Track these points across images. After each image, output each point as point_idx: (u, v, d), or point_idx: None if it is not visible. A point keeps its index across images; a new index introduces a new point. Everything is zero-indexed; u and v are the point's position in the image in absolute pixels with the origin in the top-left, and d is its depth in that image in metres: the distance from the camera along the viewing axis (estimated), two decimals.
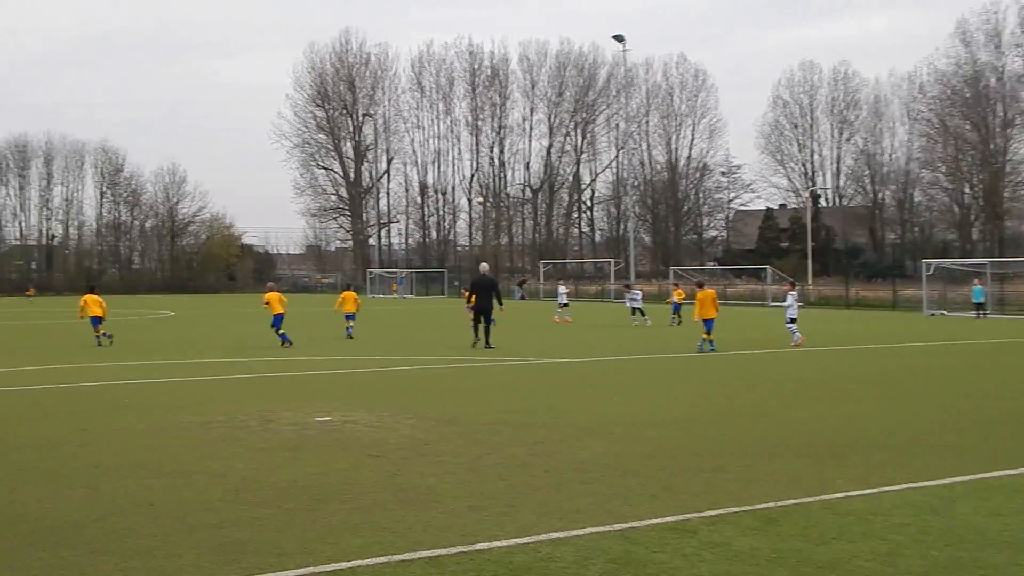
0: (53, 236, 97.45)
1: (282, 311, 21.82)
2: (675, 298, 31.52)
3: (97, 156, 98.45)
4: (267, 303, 22.09)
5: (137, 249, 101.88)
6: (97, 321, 22.49)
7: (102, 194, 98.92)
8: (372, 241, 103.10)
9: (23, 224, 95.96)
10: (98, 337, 22.18)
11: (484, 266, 22.80)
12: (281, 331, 21.63)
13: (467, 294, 22.00)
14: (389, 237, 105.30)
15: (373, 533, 5.69)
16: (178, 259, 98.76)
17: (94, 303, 22.79)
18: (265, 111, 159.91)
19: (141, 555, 5.29)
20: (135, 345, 22.58)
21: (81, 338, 24.13)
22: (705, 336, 20.05)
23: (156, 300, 67.54)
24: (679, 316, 30.27)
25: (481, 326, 20.73)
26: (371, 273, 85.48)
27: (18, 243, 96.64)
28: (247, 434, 9.53)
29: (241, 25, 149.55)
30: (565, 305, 34.22)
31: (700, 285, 21.70)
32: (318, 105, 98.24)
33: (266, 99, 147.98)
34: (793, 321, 21.88)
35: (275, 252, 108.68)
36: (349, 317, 24.55)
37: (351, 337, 23.99)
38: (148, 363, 17.41)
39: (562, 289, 35.34)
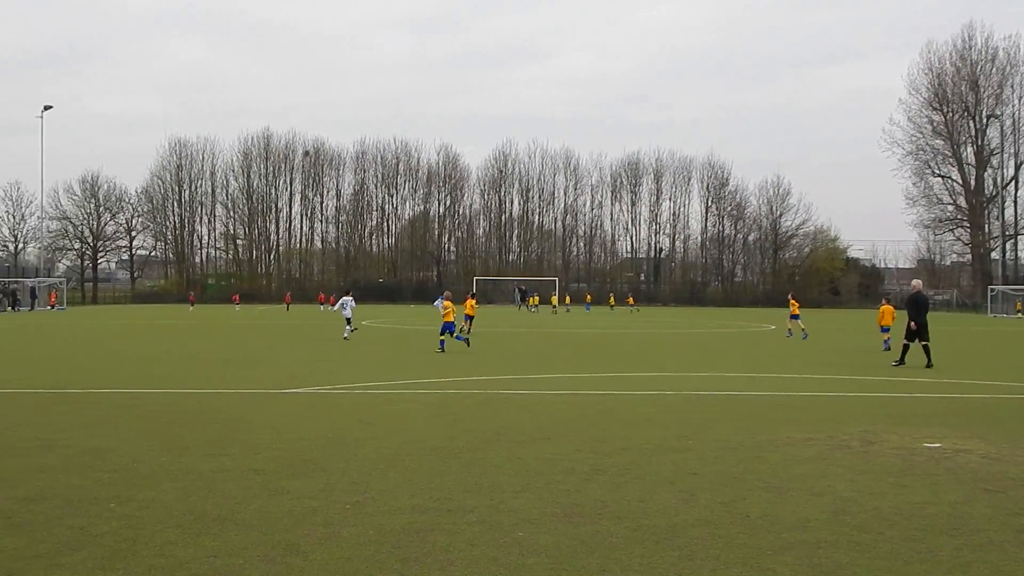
0: (660, 249, 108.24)
1: (451, 320, 24.90)
2: None
3: (703, 171, 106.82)
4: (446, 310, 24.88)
5: (739, 262, 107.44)
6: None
7: (707, 208, 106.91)
8: (995, 255, 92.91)
9: (633, 238, 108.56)
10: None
11: (917, 283, 22.06)
12: (443, 336, 24.55)
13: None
14: (1016, 251, 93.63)
15: (987, 572, 5.40)
16: (780, 272, 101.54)
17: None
18: (874, 119, 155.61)
19: (735, 565, 5.44)
20: (738, 356, 23.84)
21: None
22: None
23: (756, 312, 70.20)
24: None
25: (916, 344, 20.92)
26: (992, 290, 76.98)
27: (629, 256, 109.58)
28: (847, 455, 9.35)
29: (852, 29, 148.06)
30: None
31: None
32: (935, 108, 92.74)
33: (875, 106, 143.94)
34: None
35: (883, 266, 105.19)
36: (884, 330, 25.44)
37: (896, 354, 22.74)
38: (751, 375, 18.30)
39: None
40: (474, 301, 32.29)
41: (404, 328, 39.96)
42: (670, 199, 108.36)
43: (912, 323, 21.03)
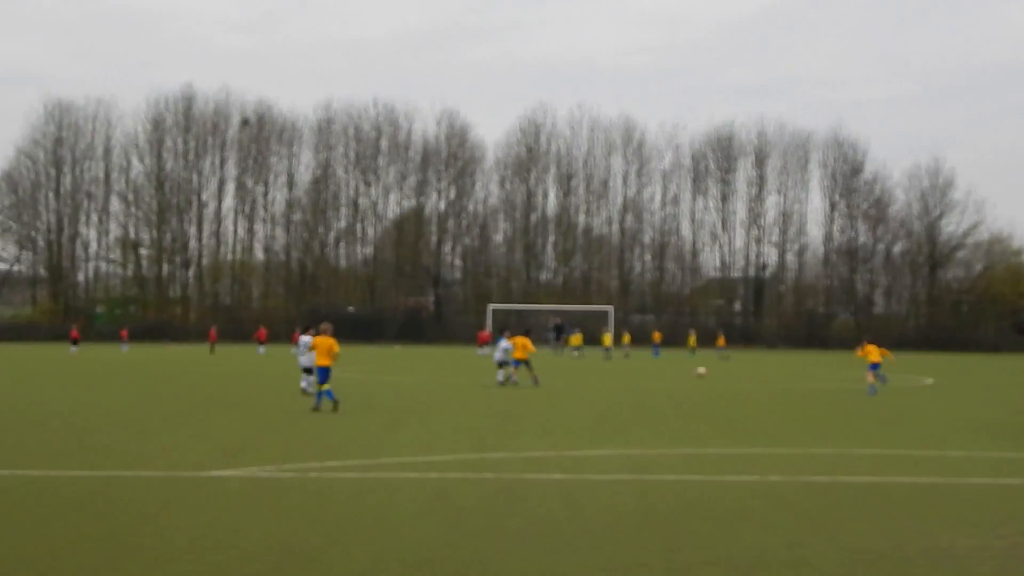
0: (764, 265, 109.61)
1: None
2: None
3: (827, 151, 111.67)
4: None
5: (880, 284, 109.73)
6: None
7: (832, 205, 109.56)
8: None
9: (725, 248, 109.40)
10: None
11: None
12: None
13: None
14: None
15: None
16: (939, 300, 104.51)
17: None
18: None
19: None
20: (874, 424, 23.86)
21: None
22: None
23: (904, 360, 70.11)
24: None
25: None
26: None
27: (717, 275, 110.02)
28: None
29: None
30: None
31: None
32: None
33: None
34: None
35: None
36: None
37: None
38: (891, 452, 18.38)
39: None
40: (526, 340, 36.72)
41: (386, 380, 40.27)
42: (778, 192, 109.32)
43: None
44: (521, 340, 36.52)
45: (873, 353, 35.61)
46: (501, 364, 37.00)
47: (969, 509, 12.70)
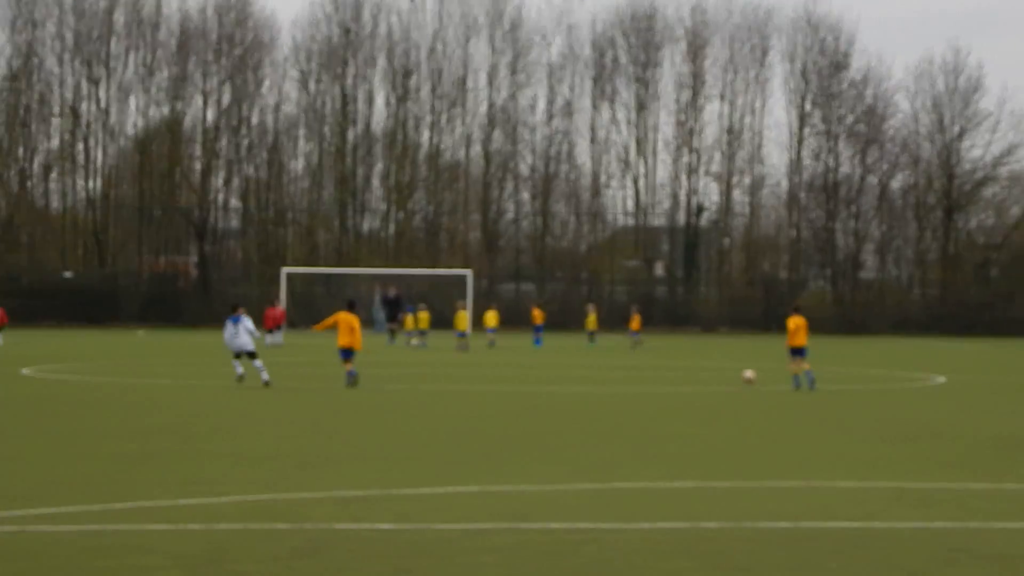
0: (700, 208, 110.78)
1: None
2: None
3: (794, 37, 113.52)
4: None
5: (871, 236, 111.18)
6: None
7: (801, 117, 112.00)
8: None
9: (642, 183, 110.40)
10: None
11: None
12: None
13: None
14: None
15: None
16: (958, 259, 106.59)
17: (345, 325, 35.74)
18: None
19: None
20: (854, 445, 24.25)
21: None
22: None
23: (908, 345, 71.41)
24: None
25: None
26: None
27: (630, 222, 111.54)
28: None
29: None
30: None
31: None
32: None
33: None
34: None
35: None
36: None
37: None
38: (872, 485, 18.83)
39: None
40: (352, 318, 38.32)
41: (125, 383, 40.07)
42: (722, 99, 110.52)
43: None
44: (346, 318, 37.43)
45: (799, 332, 38.08)
46: (240, 354, 38.36)
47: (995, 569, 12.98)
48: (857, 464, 21.24)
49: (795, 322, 38.30)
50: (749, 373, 39.84)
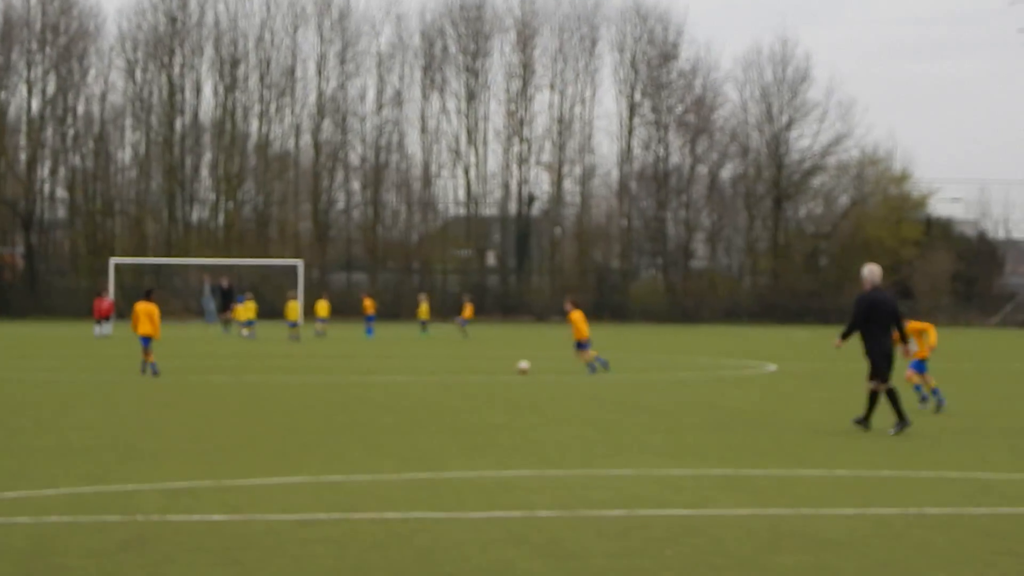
0: (531, 198, 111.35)
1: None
2: None
3: (625, 25, 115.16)
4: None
5: (702, 226, 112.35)
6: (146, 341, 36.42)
7: (631, 106, 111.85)
8: None
9: (473, 172, 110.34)
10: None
11: (871, 270, 25.72)
12: None
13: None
14: None
15: None
16: (788, 248, 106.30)
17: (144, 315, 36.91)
18: None
19: None
20: (688, 432, 24.57)
21: None
22: None
23: (734, 334, 72.32)
24: None
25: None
26: None
27: (462, 212, 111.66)
28: None
29: None
30: None
31: None
32: None
33: None
34: None
35: (1003, 236, 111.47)
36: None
37: None
38: (699, 472, 18.99)
39: None
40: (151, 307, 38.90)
41: None
42: (552, 88, 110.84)
43: (871, 347, 24.80)
44: (146, 307, 37.81)
45: (579, 322, 41.35)
46: None
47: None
48: (688, 452, 21.36)
49: (579, 315, 41.35)
50: (524, 364, 40.44)
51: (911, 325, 28.84)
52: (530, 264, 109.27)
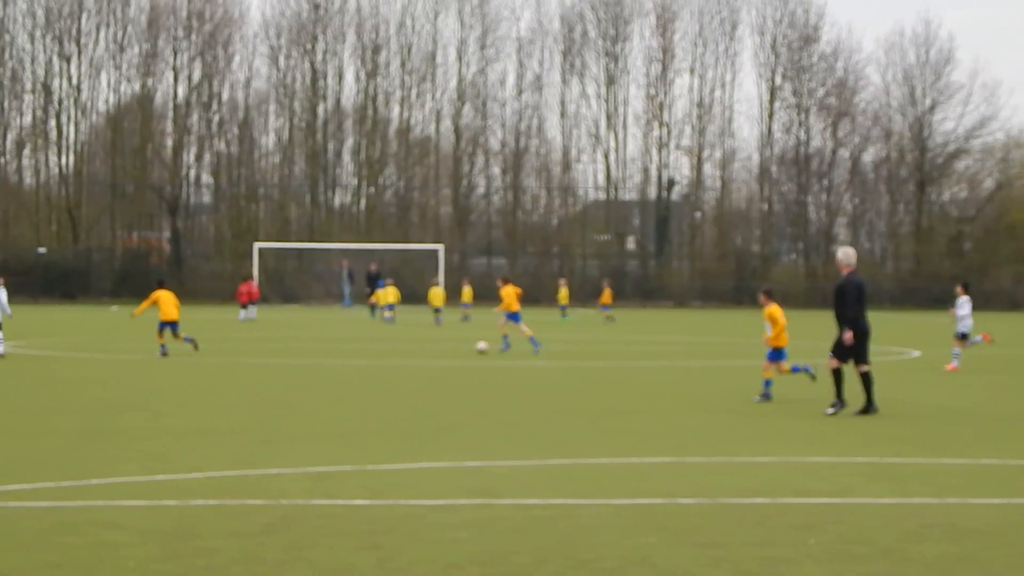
0: (671, 182, 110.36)
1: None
2: None
3: (764, 9, 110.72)
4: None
5: (843, 210, 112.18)
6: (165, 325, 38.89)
7: (772, 90, 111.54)
8: None
9: (612, 157, 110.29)
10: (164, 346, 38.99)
11: (846, 254, 25.95)
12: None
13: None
14: None
15: None
16: (930, 232, 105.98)
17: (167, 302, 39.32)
18: None
19: None
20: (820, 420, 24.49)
21: None
22: None
23: (882, 319, 71.58)
24: None
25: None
26: None
27: (602, 196, 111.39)
28: None
29: None
30: None
31: None
32: None
33: None
34: None
35: None
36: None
37: None
38: (837, 461, 18.90)
39: None
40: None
41: (93, 359, 39.88)
42: (692, 72, 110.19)
43: (845, 330, 25.11)
44: (166, 294, 39.70)
45: (509, 297, 43.20)
46: None
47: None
48: (828, 439, 21.32)
49: (514, 290, 43.92)
50: (482, 344, 40.63)
51: None
52: (670, 249, 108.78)
